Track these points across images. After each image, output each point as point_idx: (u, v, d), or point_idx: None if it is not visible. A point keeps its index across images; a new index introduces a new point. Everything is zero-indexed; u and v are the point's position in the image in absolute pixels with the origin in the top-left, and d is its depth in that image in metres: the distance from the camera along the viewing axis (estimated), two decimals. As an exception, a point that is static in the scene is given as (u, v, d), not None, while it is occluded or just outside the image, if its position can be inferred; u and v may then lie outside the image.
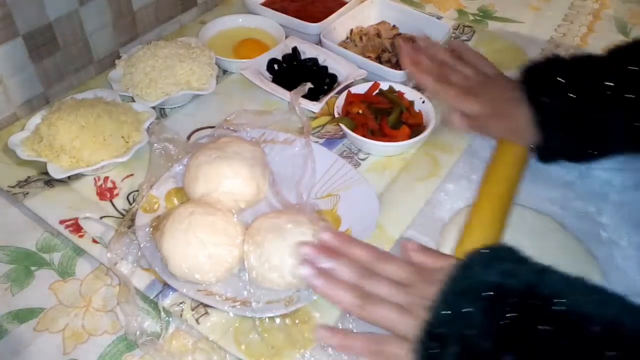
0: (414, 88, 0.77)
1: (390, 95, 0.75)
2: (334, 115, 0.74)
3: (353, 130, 0.70)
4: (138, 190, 0.65)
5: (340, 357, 0.50)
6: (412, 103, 0.75)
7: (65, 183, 0.66)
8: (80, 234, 0.59)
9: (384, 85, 0.77)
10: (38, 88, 0.76)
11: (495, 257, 0.43)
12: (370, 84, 0.77)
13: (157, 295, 0.55)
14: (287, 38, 0.86)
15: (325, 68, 0.81)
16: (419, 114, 0.74)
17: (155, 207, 0.62)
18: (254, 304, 0.53)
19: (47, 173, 0.64)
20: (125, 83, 0.75)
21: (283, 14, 0.89)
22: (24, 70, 0.73)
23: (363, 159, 0.71)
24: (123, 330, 0.54)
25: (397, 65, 0.83)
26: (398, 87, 0.76)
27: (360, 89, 0.77)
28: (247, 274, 0.54)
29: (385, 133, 0.71)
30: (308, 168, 0.66)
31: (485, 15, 1.01)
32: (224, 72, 0.84)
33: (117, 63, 0.78)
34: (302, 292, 0.54)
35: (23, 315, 0.55)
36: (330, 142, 0.74)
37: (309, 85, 0.75)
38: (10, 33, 0.69)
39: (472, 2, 1.04)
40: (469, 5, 1.03)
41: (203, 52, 0.78)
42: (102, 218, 0.62)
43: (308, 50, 0.83)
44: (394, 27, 0.90)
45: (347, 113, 0.73)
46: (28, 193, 0.64)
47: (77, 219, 0.61)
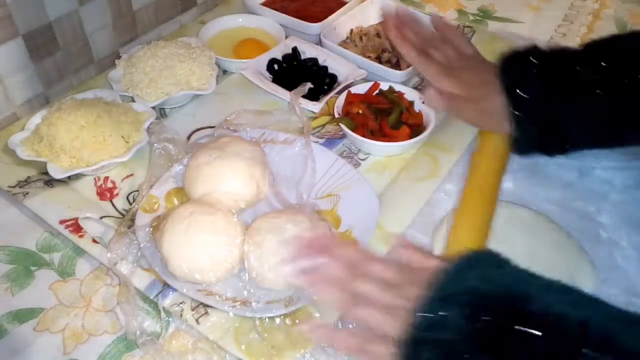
0: (414, 88, 0.77)
1: (390, 95, 0.75)
2: (334, 115, 0.74)
3: (353, 130, 0.70)
4: (138, 190, 0.65)
5: (341, 357, 0.50)
6: (412, 103, 0.75)
7: (65, 183, 0.66)
8: (80, 234, 0.59)
9: (384, 85, 0.77)
10: (38, 88, 0.76)
11: (476, 262, 0.43)
12: (370, 84, 0.77)
13: (157, 295, 0.55)
14: (287, 38, 0.86)
15: (325, 68, 0.81)
16: (419, 114, 0.74)
17: (155, 207, 0.62)
18: (254, 304, 0.53)
19: (47, 173, 0.64)
20: (125, 83, 0.75)
21: (283, 14, 0.89)
22: (24, 70, 0.73)
23: (363, 159, 0.71)
24: (123, 330, 0.54)
25: (397, 65, 0.83)
26: (398, 87, 0.76)
27: (360, 89, 0.77)
28: (247, 274, 0.54)
29: (385, 133, 0.71)
30: (308, 168, 0.66)
31: (485, 15, 1.01)
32: (224, 72, 0.84)
33: (117, 63, 0.78)
34: (302, 292, 0.54)
35: (23, 315, 0.55)
36: (330, 142, 0.74)
37: (309, 85, 0.75)
38: (10, 33, 0.69)
39: (472, 2, 1.04)
40: (469, 5, 1.03)
41: (203, 52, 0.78)
42: (102, 218, 0.62)
43: (308, 50, 0.83)
44: (394, 27, 0.90)
45: (347, 113, 0.73)
46: (28, 193, 0.64)
47: (77, 219, 0.61)
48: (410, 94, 0.76)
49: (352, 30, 0.90)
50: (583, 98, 0.58)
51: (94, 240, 0.59)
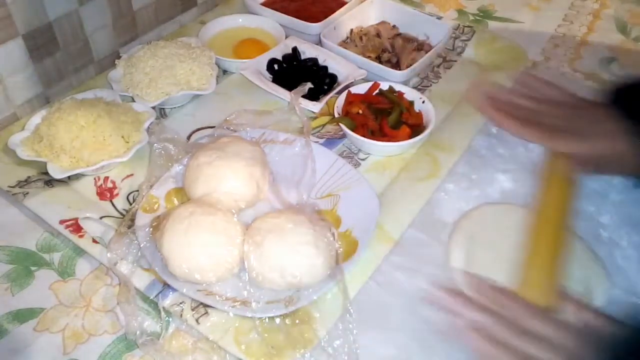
0: (414, 88, 0.77)
1: (390, 95, 0.75)
2: (334, 115, 0.74)
3: (353, 130, 0.70)
4: (138, 190, 0.65)
5: (341, 357, 0.50)
6: (412, 103, 0.75)
7: (65, 183, 0.66)
8: (80, 234, 0.59)
9: (384, 85, 0.77)
10: (38, 88, 0.76)
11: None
12: (370, 84, 0.77)
13: (157, 295, 0.55)
14: (287, 38, 0.86)
15: (325, 68, 0.81)
16: (419, 114, 0.74)
17: (155, 207, 0.62)
18: (254, 304, 0.53)
19: (47, 173, 0.64)
20: (125, 83, 0.75)
21: (283, 14, 0.89)
22: (24, 70, 0.73)
23: (363, 159, 0.71)
24: (123, 330, 0.54)
25: (397, 65, 0.83)
26: (398, 87, 0.76)
27: (360, 89, 0.77)
28: (247, 274, 0.54)
29: (385, 133, 0.71)
30: (308, 168, 0.66)
31: (485, 15, 1.01)
32: (224, 72, 0.84)
33: (117, 63, 0.78)
34: (302, 292, 0.54)
35: (23, 315, 0.55)
36: (330, 142, 0.74)
37: (309, 85, 0.75)
38: (10, 33, 0.69)
39: (472, 2, 1.04)
40: (469, 5, 1.03)
41: (203, 52, 0.78)
42: (102, 218, 0.62)
43: (308, 50, 0.83)
44: (394, 27, 0.90)
45: (347, 113, 0.73)
46: (28, 193, 0.63)
47: (77, 219, 0.61)
48: (410, 94, 0.76)
49: (352, 30, 0.90)
50: None
51: (94, 240, 0.59)
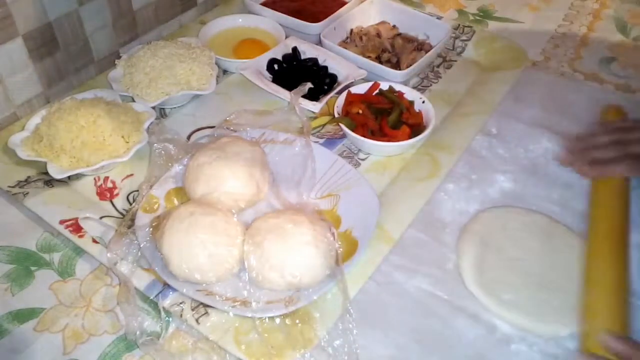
0: (414, 88, 0.77)
1: (390, 95, 0.75)
2: (334, 115, 0.74)
3: (353, 130, 0.70)
4: (138, 190, 0.65)
5: (341, 357, 0.50)
6: (412, 103, 0.75)
7: (65, 183, 0.66)
8: (80, 234, 0.59)
9: (384, 85, 0.77)
10: (38, 88, 0.76)
11: None
12: (370, 84, 0.77)
13: (157, 295, 0.55)
14: (287, 38, 0.86)
15: (325, 68, 0.81)
16: (419, 114, 0.74)
17: (155, 207, 0.62)
18: (254, 304, 0.53)
19: (47, 173, 0.64)
20: (125, 83, 0.75)
21: (283, 14, 0.89)
22: (24, 70, 0.73)
23: (363, 159, 0.71)
24: (123, 330, 0.54)
25: (397, 65, 0.83)
26: (398, 87, 0.76)
27: (360, 89, 0.77)
28: (247, 274, 0.54)
29: (385, 133, 0.71)
30: (308, 168, 0.66)
31: (485, 15, 1.01)
32: (224, 72, 0.84)
33: (117, 63, 0.78)
34: (302, 292, 0.54)
35: (23, 315, 0.55)
36: (330, 142, 0.74)
37: (309, 85, 0.75)
38: (10, 33, 0.69)
39: (472, 2, 1.04)
40: (469, 5, 1.03)
41: (203, 52, 0.78)
42: (102, 218, 0.62)
43: (308, 50, 0.83)
44: (394, 27, 0.90)
45: (347, 113, 0.73)
46: (28, 193, 0.63)
47: (77, 219, 0.61)
48: (410, 94, 0.76)
49: (352, 30, 0.90)
50: None
51: (94, 240, 0.59)
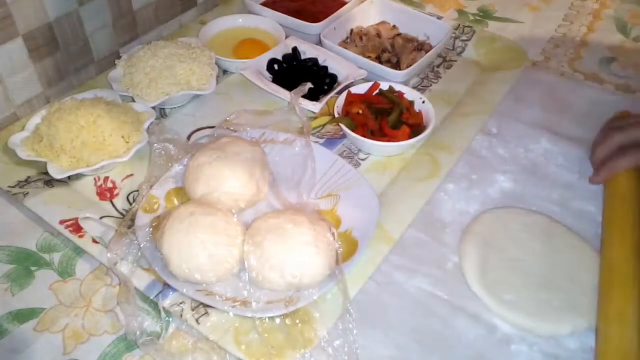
0: (414, 88, 0.77)
1: (390, 95, 0.75)
2: (334, 115, 0.74)
3: (353, 130, 0.70)
4: (138, 190, 0.65)
5: (341, 357, 0.50)
6: (412, 103, 0.75)
7: (65, 183, 0.66)
8: (80, 234, 0.59)
9: (384, 85, 0.77)
10: (38, 88, 0.76)
11: None
12: (370, 84, 0.77)
13: (157, 295, 0.55)
14: (287, 38, 0.86)
15: (325, 68, 0.81)
16: (419, 114, 0.74)
17: (155, 207, 0.62)
18: (254, 304, 0.53)
19: (47, 173, 0.64)
20: (125, 83, 0.75)
21: (283, 14, 0.89)
22: (24, 70, 0.73)
23: (363, 159, 0.71)
24: (123, 330, 0.54)
25: (397, 65, 0.83)
26: (398, 87, 0.76)
27: (360, 89, 0.77)
28: (247, 274, 0.54)
29: (385, 133, 0.71)
30: (308, 168, 0.66)
31: (485, 15, 1.01)
32: (224, 72, 0.84)
33: (117, 63, 0.78)
34: (302, 292, 0.54)
35: (23, 315, 0.55)
36: (330, 142, 0.74)
37: (309, 85, 0.75)
38: (10, 33, 0.69)
39: (472, 2, 1.04)
40: (469, 5, 1.03)
41: (203, 52, 0.78)
42: (102, 218, 0.62)
43: (308, 50, 0.83)
44: (394, 27, 0.90)
45: (347, 113, 0.73)
46: (28, 193, 0.63)
47: (77, 219, 0.61)
48: (410, 94, 0.76)
49: (352, 30, 0.90)
50: None
51: (94, 240, 0.59)
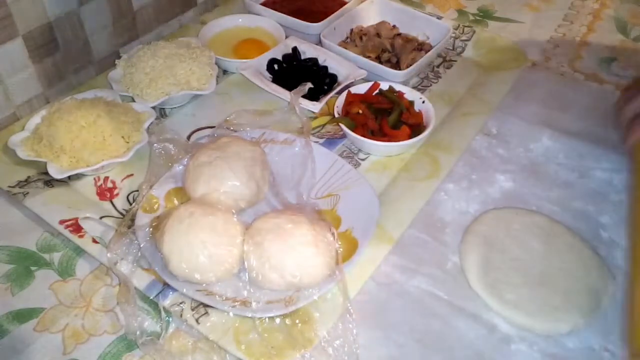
0: (414, 88, 0.77)
1: (390, 95, 0.75)
2: (334, 115, 0.74)
3: (353, 130, 0.70)
4: (138, 190, 0.65)
5: (341, 357, 0.50)
6: (412, 103, 0.75)
7: (65, 183, 0.66)
8: (80, 234, 0.59)
9: (384, 85, 0.77)
10: (38, 88, 0.76)
11: None
12: (370, 84, 0.77)
13: (157, 295, 0.55)
14: (287, 38, 0.86)
15: (325, 68, 0.81)
16: (419, 114, 0.74)
17: (155, 207, 0.62)
18: (254, 304, 0.53)
19: (47, 173, 0.64)
20: (125, 83, 0.75)
21: (283, 14, 0.89)
22: (24, 70, 0.73)
23: (363, 159, 0.71)
24: (123, 330, 0.54)
25: (397, 65, 0.83)
26: (398, 87, 0.76)
27: (360, 89, 0.77)
28: (247, 274, 0.54)
29: (385, 133, 0.71)
30: (308, 168, 0.66)
31: (485, 15, 1.01)
32: (224, 72, 0.84)
33: (117, 63, 0.78)
34: (302, 292, 0.54)
35: (23, 315, 0.55)
36: (330, 142, 0.74)
37: (309, 85, 0.75)
38: (10, 33, 0.69)
39: (472, 2, 1.04)
40: (469, 5, 1.03)
41: (203, 52, 0.78)
42: (102, 218, 0.62)
43: (308, 50, 0.83)
44: (394, 27, 0.90)
45: (347, 113, 0.73)
46: (28, 193, 0.63)
47: (77, 219, 0.61)
48: (410, 94, 0.76)
49: (352, 30, 0.90)
50: None
51: (94, 240, 0.59)
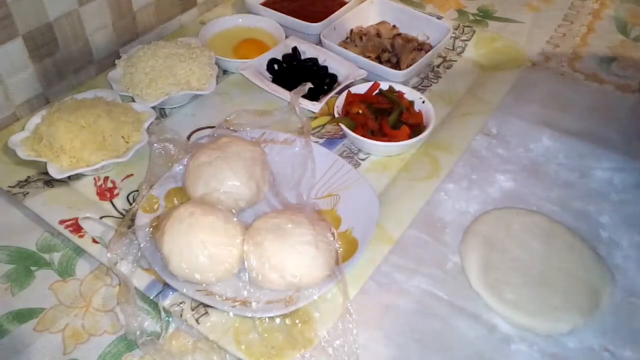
0: (414, 88, 0.77)
1: (390, 95, 0.75)
2: (334, 115, 0.74)
3: (353, 130, 0.70)
4: (138, 190, 0.65)
5: (341, 357, 0.50)
6: (412, 103, 0.75)
7: (65, 183, 0.66)
8: (80, 234, 0.59)
9: (384, 85, 0.77)
10: (38, 88, 0.76)
11: None
12: (370, 84, 0.77)
13: (157, 295, 0.55)
14: (287, 38, 0.86)
15: (325, 68, 0.81)
16: (419, 114, 0.74)
17: (155, 207, 0.62)
18: (254, 304, 0.53)
19: (47, 173, 0.64)
20: (125, 83, 0.75)
21: (283, 14, 0.89)
22: (24, 70, 0.73)
23: (363, 159, 0.71)
24: (123, 330, 0.54)
25: (397, 65, 0.83)
26: (398, 87, 0.76)
27: (360, 89, 0.77)
28: (247, 274, 0.54)
29: (385, 133, 0.71)
30: (308, 168, 0.66)
31: (485, 15, 1.01)
32: (224, 72, 0.84)
33: (117, 63, 0.78)
34: (302, 292, 0.54)
35: (23, 315, 0.55)
36: (330, 142, 0.74)
37: (309, 85, 0.75)
38: (10, 33, 0.69)
39: (472, 2, 1.04)
40: (469, 5, 1.03)
41: (203, 52, 0.78)
42: (102, 218, 0.62)
43: (308, 50, 0.83)
44: (394, 27, 0.90)
45: (347, 113, 0.73)
46: (28, 193, 0.63)
47: (77, 219, 0.61)
48: (410, 94, 0.76)
49: (352, 30, 0.90)
50: None
51: (94, 240, 0.59)
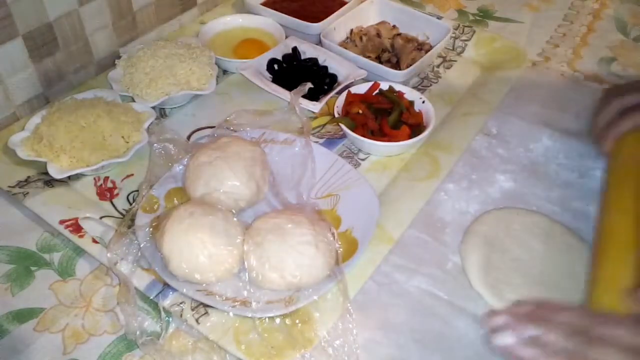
0: (414, 88, 0.77)
1: (390, 95, 0.75)
2: (334, 115, 0.74)
3: (353, 130, 0.70)
4: (138, 190, 0.65)
5: (341, 357, 0.50)
6: (412, 103, 0.75)
7: (65, 183, 0.66)
8: (80, 234, 0.59)
9: (384, 85, 0.77)
10: (38, 88, 0.76)
11: None
12: (370, 84, 0.77)
13: (157, 295, 0.55)
14: (287, 38, 0.86)
15: (325, 68, 0.81)
16: (419, 114, 0.74)
17: (155, 207, 0.62)
18: (254, 304, 0.53)
19: (47, 173, 0.64)
20: (125, 83, 0.75)
21: (283, 14, 0.89)
22: (24, 70, 0.73)
23: (363, 159, 0.71)
24: (123, 330, 0.54)
25: (397, 65, 0.83)
26: (398, 87, 0.76)
27: (360, 89, 0.77)
28: (247, 274, 0.54)
29: (385, 133, 0.71)
30: (308, 168, 0.66)
31: (485, 15, 1.01)
32: (224, 72, 0.84)
33: (117, 63, 0.78)
34: (302, 292, 0.54)
35: (23, 315, 0.55)
36: (330, 142, 0.74)
37: (309, 85, 0.75)
38: (10, 33, 0.69)
39: (472, 2, 1.04)
40: (469, 5, 1.03)
41: (203, 52, 0.78)
42: (102, 218, 0.62)
43: (308, 50, 0.83)
44: (394, 27, 0.90)
45: (347, 113, 0.73)
46: (28, 193, 0.63)
47: (77, 219, 0.61)
48: (410, 94, 0.76)
49: (352, 30, 0.90)
50: None
51: (94, 240, 0.59)
